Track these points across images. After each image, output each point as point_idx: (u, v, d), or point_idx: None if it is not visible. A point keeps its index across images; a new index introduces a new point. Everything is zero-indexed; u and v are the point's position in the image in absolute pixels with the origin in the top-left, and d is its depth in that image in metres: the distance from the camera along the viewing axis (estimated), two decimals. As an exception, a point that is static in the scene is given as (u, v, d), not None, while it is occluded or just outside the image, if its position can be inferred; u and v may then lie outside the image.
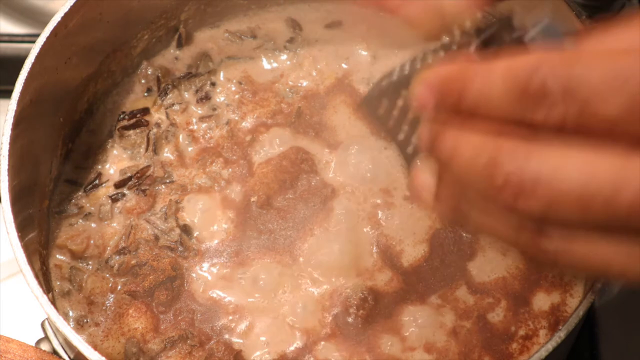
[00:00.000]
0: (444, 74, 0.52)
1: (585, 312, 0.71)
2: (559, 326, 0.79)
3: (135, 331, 0.80)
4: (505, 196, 0.48)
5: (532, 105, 0.47)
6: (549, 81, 0.47)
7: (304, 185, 0.86)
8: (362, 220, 0.84)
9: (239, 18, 0.96)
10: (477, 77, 0.50)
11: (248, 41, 0.95)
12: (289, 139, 0.89)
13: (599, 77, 0.46)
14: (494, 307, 0.81)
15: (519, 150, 0.48)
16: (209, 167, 0.87)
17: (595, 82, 0.46)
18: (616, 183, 0.46)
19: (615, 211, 0.46)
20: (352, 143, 0.88)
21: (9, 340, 0.82)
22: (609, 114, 0.45)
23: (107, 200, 0.86)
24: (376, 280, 0.82)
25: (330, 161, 0.88)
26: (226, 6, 0.95)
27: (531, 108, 0.48)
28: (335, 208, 0.85)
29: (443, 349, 0.79)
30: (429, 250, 0.83)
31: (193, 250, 0.84)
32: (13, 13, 1.13)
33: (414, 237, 0.84)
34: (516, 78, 0.48)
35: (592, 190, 0.46)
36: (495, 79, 0.49)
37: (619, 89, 0.45)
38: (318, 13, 0.95)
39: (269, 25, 0.95)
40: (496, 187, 0.49)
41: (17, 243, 0.72)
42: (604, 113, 0.46)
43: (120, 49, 0.91)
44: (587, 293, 0.73)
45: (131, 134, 0.89)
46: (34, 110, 0.80)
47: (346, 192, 0.86)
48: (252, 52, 0.94)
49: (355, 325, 0.80)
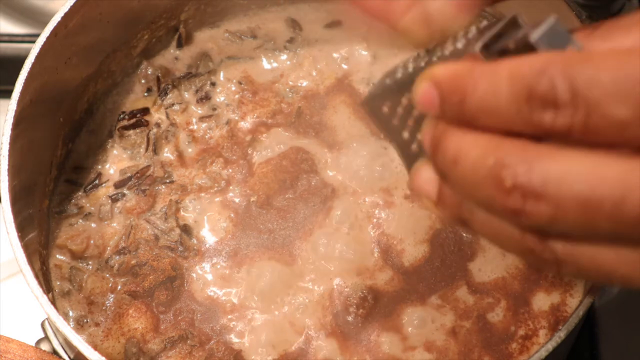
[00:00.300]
0: (448, 73, 0.51)
1: (585, 312, 0.71)
2: (559, 326, 0.79)
3: (135, 331, 0.80)
4: (513, 200, 0.47)
5: (539, 107, 0.46)
6: (557, 83, 0.45)
7: (304, 185, 0.86)
8: (363, 220, 0.84)
9: (239, 18, 0.96)
10: (482, 77, 0.49)
11: (248, 41, 0.95)
12: (289, 139, 0.89)
13: (609, 79, 0.45)
14: (493, 307, 0.81)
15: (527, 153, 0.47)
16: (209, 167, 0.87)
17: (605, 84, 0.45)
18: (624, 189, 0.45)
19: (623, 218, 0.45)
20: (352, 143, 0.88)
21: (9, 340, 0.82)
22: (619, 118, 0.44)
23: (107, 200, 0.86)
24: (377, 279, 0.82)
25: (330, 161, 0.88)
26: (226, 6, 0.95)
27: (538, 111, 0.46)
28: (335, 208, 0.85)
29: (443, 348, 0.79)
30: (430, 250, 0.83)
31: (193, 250, 0.84)
32: (13, 13, 1.13)
33: (414, 236, 0.84)
34: (523, 79, 0.47)
35: (600, 196, 0.45)
36: (501, 80, 0.48)
37: (630, 91, 0.44)
38: (318, 13, 0.95)
39: (269, 25, 0.95)
40: (503, 190, 0.47)
41: (17, 243, 0.72)
42: (614, 116, 0.44)
43: (120, 49, 0.91)
44: (587, 293, 0.73)
45: (131, 134, 0.89)
46: (34, 110, 0.80)
47: (346, 191, 0.86)
48: (252, 52, 0.94)
49: (356, 324, 0.80)
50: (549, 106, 0.46)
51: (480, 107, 0.49)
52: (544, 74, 0.46)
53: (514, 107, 0.47)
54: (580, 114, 0.45)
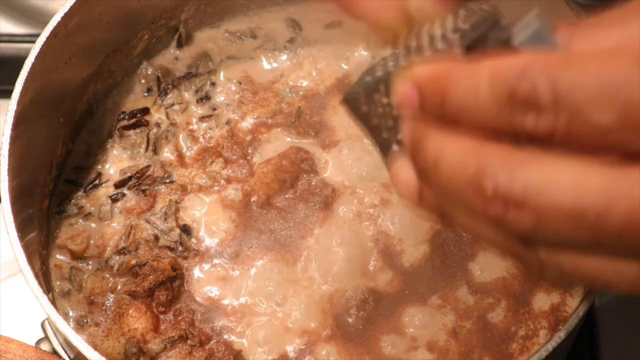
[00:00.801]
0: (428, 74, 0.49)
1: (585, 312, 0.71)
2: (559, 326, 0.79)
3: (135, 331, 0.80)
4: (494, 208, 0.46)
5: (520, 110, 0.45)
6: (539, 86, 0.44)
7: (304, 185, 0.86)
8: (363, 220, 0.84)
9: (239, 18, 0.96)
10: (463, 78, 0.47)
11: (248, 41, 0.95)
12: (288, 138, 0.89)
13: (591, 83, 0.43)
14: (494, 307, 0.81)
15: (509, 160, 0.45)
16: (209, 167, 0.87)
17: (587, 89, 0.43)
18: (608, 200, 0.43)
19: (606, 230, 0.44)
20: (352, 143, 0.88)
21: (9, 340, 0.82)
22: (602, 123, 0.43)
23: (107, 200, 0.86)
24: (377, 280, 0.82)
25: (330, 161, 0.88)
26: (226, 6, 0.95)
27: (520, 113, 0.44)
28: (335, 208, 0.85)
29: (443, 349, 0.79)
30: (430, 251, 0.83)
31: (193, 250, 0.84)
32: (13, 13, 1.13)
33: (414, 237, 0.84)
34: (503, 81, 0.45)
35: (584, 205, 0.44)
36: (482, 80, 0.46)
37: (613, 96, 0.43)
38: (318, 13, 0.95)
39: (269, 25, 0.95)
40: (484, 198, 0.46)
41: (17, 243, 0.72)
42: (597, 122, 0.43)
43: (120, 49, 0.91)
44: (587, 293, 0.73)
45: (131, 134, 0.89)
46: (34, 110, 0.80)
47: (346, 191, 0.86)
48: (252, 52, 0.94)
49: (356, 326, 0.80)
50: (530, 109, 0.45)
51: (460, 108, 0.47)
52: (525, 75, 0.45)
53: (495, 109, 0.46)
54: (563, 118, 0.44)
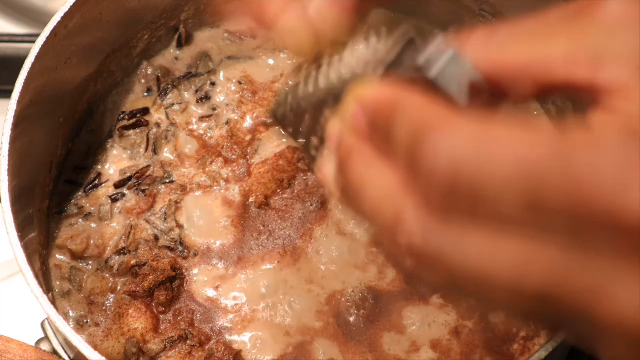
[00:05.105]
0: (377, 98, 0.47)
1: (586, 312, 0.71)
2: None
3: (135, 331, 0.80)
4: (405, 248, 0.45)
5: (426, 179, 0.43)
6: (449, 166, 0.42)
7: (301, 184, 0.86)
8: (362, 220, 0.84)
9: (239, 18, 0.96)
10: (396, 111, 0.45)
11: (248, 41, 0.95)
12: (288, 138, 0.89)
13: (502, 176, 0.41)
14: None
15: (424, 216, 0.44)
16: (209, 167, 0.87)
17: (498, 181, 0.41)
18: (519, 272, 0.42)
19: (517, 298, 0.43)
20: (353, 143, 0.88)
21: (9, 340, 0.82)
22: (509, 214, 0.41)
23: (107, 201, 0.86)
24: (378, 279, 0.82)
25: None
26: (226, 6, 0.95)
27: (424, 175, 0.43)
28: (333, 207, 0.85)
29: (445, 348, 0.79)
30: (430, 250, 0.83)
31: (193, 250, 0.84)
32: (13, 13, 1.13)
33: (414, 236, 0.83)
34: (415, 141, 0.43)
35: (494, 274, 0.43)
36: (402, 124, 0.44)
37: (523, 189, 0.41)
38: (318, 13, 0.95)
39: (269, 25, 0.95)
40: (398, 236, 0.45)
41: (17, 243, 0.72)
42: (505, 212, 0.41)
43: (120, 49, 0.90)
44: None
45: (131, 134, 0.89)
46: (34, 110, 0.80)
47: (346, 192, 0.86)
48: (252, 52, 0.94)
49: (357, 325, 0.80)
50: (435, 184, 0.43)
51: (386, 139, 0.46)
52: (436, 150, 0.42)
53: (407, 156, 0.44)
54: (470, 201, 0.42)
